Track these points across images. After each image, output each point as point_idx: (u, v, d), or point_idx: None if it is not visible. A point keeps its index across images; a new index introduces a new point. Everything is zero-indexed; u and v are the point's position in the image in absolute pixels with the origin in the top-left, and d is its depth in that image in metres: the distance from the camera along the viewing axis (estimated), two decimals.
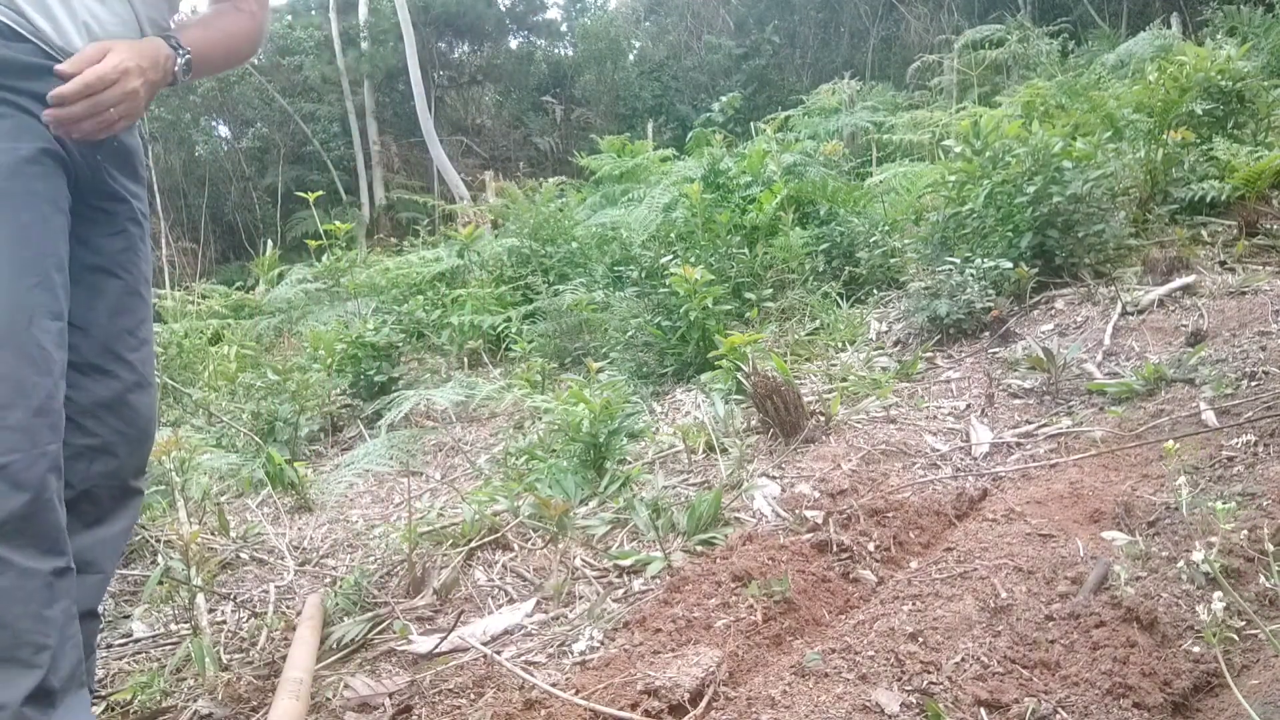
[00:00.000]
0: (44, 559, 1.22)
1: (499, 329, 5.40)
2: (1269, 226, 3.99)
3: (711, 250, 4.69)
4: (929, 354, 3.63)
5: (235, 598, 2.35)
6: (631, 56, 18.80)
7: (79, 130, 1.29)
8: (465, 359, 5.30)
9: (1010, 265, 3.73)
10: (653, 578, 2.13)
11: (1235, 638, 1.46)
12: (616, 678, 1.59)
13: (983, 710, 1.36)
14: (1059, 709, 1.35)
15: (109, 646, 2.17)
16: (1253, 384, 2.54)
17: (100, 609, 1.54)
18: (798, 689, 1.46)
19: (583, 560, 2.31)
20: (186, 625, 2.18)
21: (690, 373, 3.96)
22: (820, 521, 2.19)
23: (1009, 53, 9.34)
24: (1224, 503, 1.69)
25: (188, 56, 1.44)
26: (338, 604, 2.14)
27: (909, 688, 1.42)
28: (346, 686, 1.77)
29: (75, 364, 1.41)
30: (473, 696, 1.68)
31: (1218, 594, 1.41)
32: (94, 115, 1.29)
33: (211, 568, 2.46)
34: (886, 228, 4.86)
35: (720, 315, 4.04)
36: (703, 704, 1.49)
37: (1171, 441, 1.90)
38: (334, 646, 1.97)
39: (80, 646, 1.30)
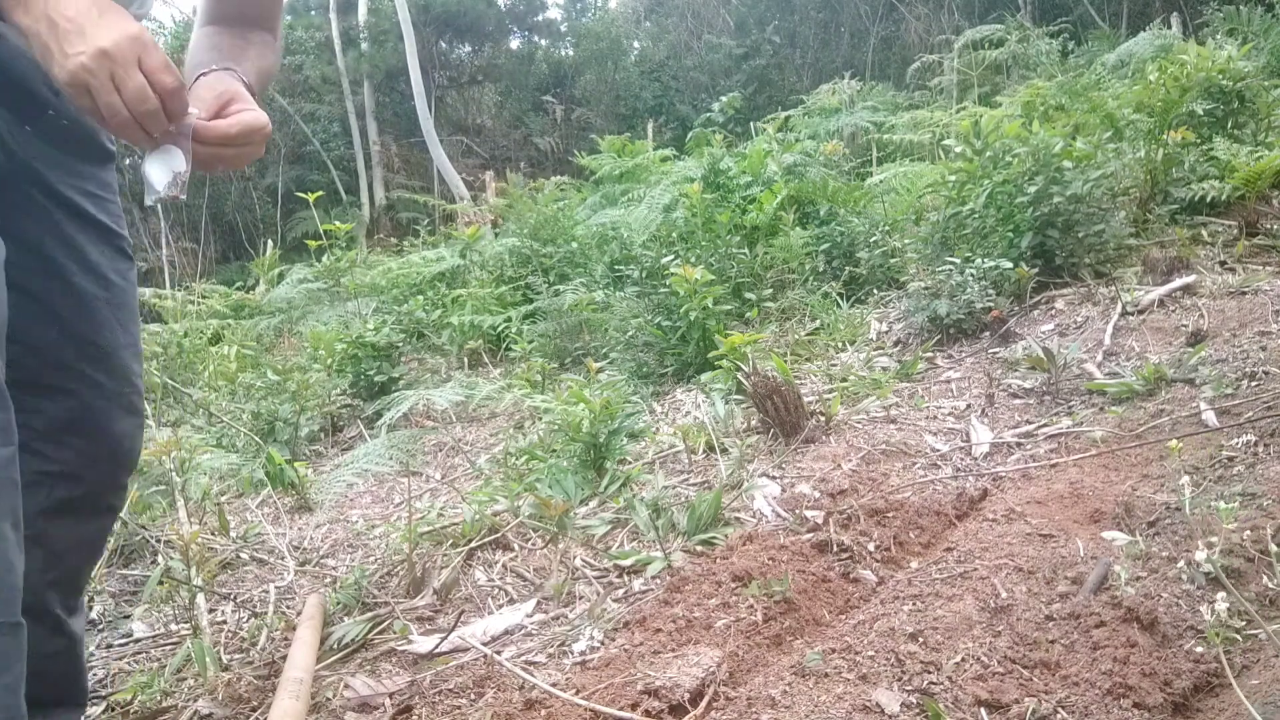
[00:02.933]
0: None
1: (499, 329, 5.40)
2: (1269, 226, 3.99)
3: (711, 250, 4.68)
4: (929, 354, 3.63)
5: (235, 598, 2.35)
6: (632, 56, 18.83)
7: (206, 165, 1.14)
8: (465, 359, 5.30)
9: (1010, 265, 3.73)
10: (653, 578, 2.13)
11: (1237, 638, 1.46)
12: (616, 678, 1.59)
13: (983, 710, 1.36)
14: (1059, 709, 1.35)
15: (109, 646, 2.17)
16: (1253, 384, 2.53)
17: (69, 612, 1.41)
18: (798, 689, 1.46)
19: (583, 560, 2.31)
20: (186, 625, 2.18)
21: (690, 373, 3.96)
22: (820, 521, 2.19)
23: (1009, 53, 9.34)
24: (1226, 502, 1.69)
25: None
26: (338, 604, 2.14)
27: (909, 688, 1.42)
28: (346, 686, 1.77)
29: (22, 384, 1.18)
30: (473, 696, 1.68)
31: (1221, 594, 1.41)
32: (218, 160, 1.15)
33: (211, 568, 2.46)
34: (887, 228, 4.86)
35: (720, 315, 4.04)
36: (703, 704, 1.49)
37: (1175, 440, 1.90)
38: (334, 646, 1.97)
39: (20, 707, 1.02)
